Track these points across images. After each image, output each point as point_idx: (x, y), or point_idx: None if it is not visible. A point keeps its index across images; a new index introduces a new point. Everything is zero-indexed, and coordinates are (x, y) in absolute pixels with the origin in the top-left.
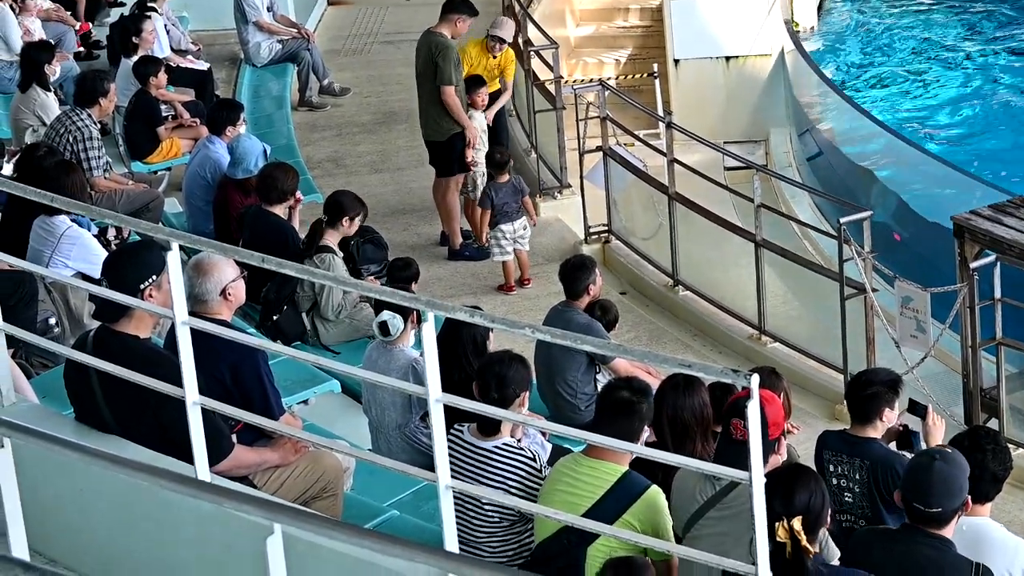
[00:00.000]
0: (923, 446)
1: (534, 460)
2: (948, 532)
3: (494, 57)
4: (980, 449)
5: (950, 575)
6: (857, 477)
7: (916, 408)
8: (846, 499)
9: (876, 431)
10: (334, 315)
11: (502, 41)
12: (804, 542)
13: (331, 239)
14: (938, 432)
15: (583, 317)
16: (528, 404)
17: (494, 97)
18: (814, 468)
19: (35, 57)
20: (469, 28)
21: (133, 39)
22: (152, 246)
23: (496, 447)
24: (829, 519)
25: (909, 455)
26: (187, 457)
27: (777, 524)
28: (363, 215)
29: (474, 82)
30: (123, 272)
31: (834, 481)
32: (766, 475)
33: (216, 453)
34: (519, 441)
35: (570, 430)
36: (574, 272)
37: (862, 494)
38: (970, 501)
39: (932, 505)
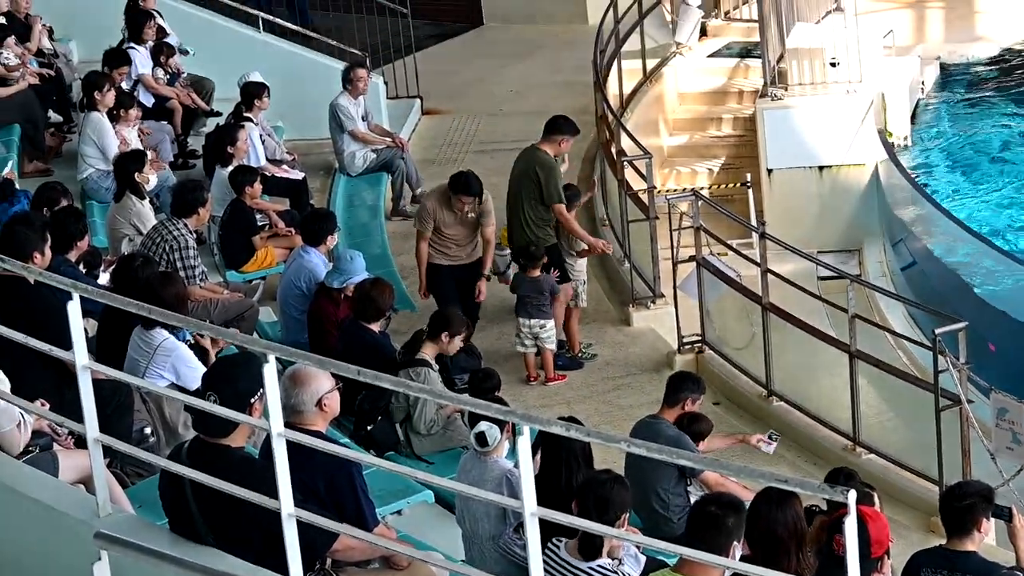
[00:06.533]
0: None
1: None
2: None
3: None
4: None
5: None
6: None
7: (1001, 512)
8: None
9: (973, 543)
10: (426, 430)
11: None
12: None
13: (428, 352)
14: None
15: (672, 430)
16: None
17: None
18: None
19: (126, 166)
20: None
21: (228, 149)
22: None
23: (591, 568)
24: None
25: (1006, 566)
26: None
27: None
28: (467, 335)
29: (569, 193)
30: (236, 385)
31: None
32: None
33: (322, 546)
34: (619, 563)
35: (667, 545)
36: (681, 380)
37: None
38: None
39: None
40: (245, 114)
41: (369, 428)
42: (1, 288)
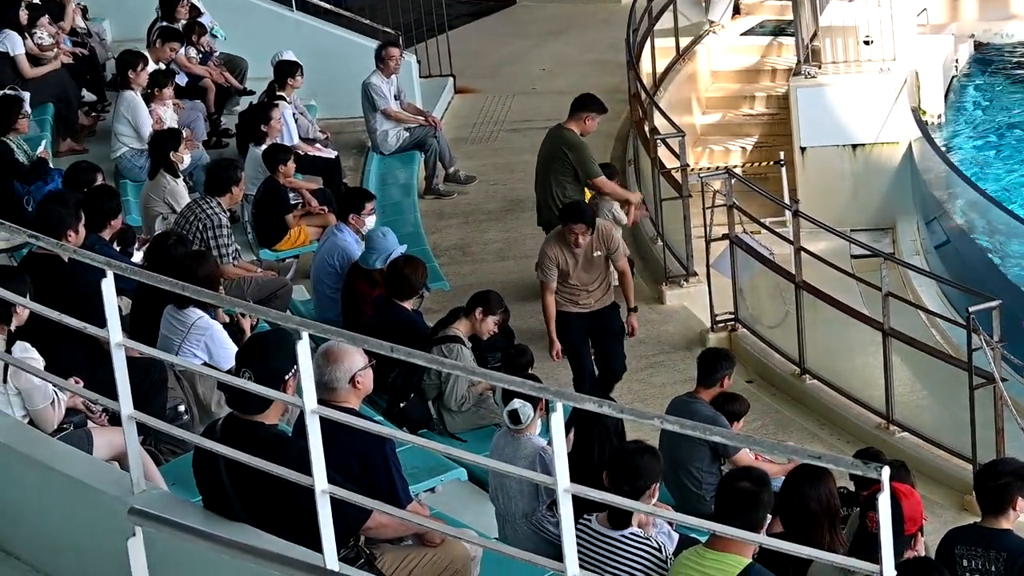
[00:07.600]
0: None
1: (660, 550)
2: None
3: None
4: None
5: None
6: (993, 569)
7: None
8: None
9: (1009, 521)
10: (457, 406)
11: None
12: None
13: (461, 329)
14: None
15: (708, 409)
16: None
17: None
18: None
19: (161, 144)
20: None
21: (261, 127)
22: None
23: (623, 536)
24: None
25: None
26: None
27: None
28: (503, 319)
29: (608, 171)
30: (270, 362)
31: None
32: (897, 567)
33: (355, 523)
34: (649, 536)
35: (700, 522)
36: (715, 359)
37: None
38: None
39: None
40: (278, 93)
41: (402, 405)
42: (36, 266)
